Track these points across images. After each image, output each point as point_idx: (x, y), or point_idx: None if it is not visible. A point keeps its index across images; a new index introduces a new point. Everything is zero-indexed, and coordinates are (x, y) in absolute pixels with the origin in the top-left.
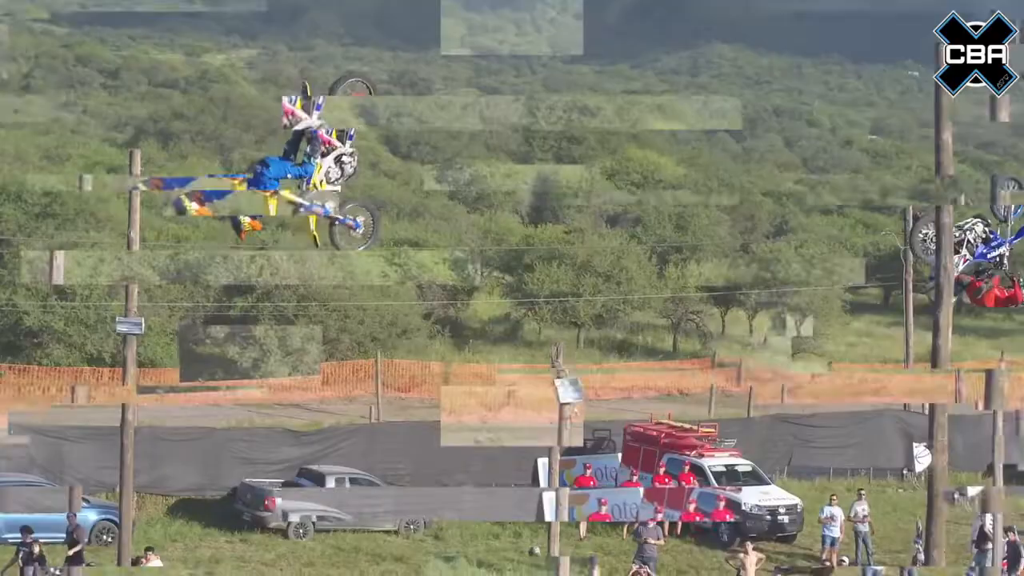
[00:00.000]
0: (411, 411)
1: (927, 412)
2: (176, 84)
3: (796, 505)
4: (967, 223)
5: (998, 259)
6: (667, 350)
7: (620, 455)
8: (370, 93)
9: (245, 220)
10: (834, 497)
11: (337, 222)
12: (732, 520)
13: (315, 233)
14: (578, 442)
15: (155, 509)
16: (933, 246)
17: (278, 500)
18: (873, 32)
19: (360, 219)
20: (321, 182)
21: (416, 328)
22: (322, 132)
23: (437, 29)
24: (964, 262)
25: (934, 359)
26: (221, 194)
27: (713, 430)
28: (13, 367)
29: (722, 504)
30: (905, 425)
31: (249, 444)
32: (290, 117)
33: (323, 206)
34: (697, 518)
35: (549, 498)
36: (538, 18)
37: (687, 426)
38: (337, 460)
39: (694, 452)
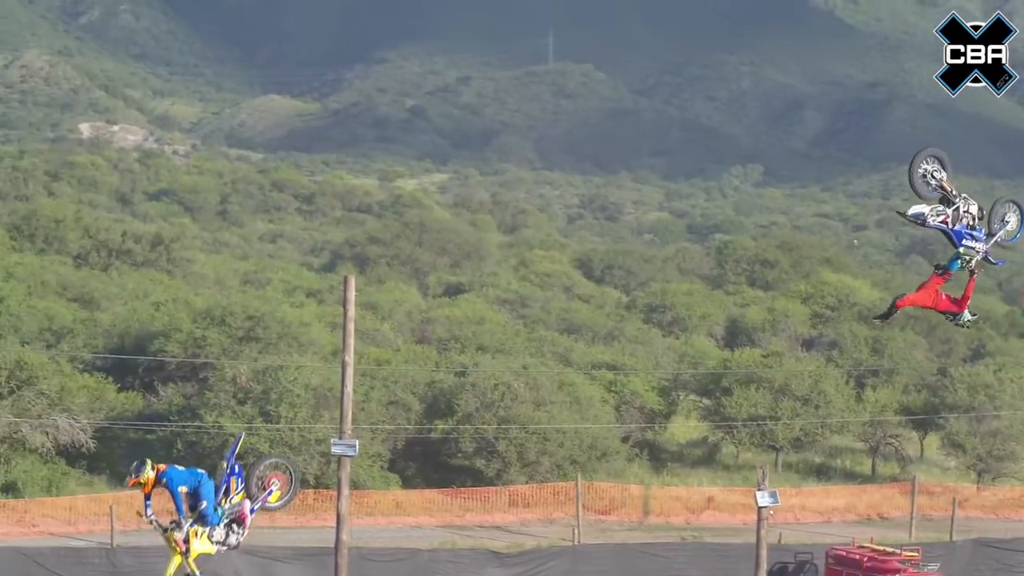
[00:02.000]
0: (611, 533)
1: None
2: (370, 209)
3: None
4: (968, 197)
5: (967, 251)
6: (866, 474)
7: None
8: (290, 478)
9: (148, 473)
10: None
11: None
12: None
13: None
14: None
15: None
16: (934, 182)
17: None
18: None
19: None
20: (202, 533)
21: (615, 451)
22: (245, 507)
23: (627, 155)
24: (943, 221)
25: None
26: (174, 487)
27: (916, 554)
28: None
29: None
30: None
31: (455, 565)
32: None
33: (225, 542)
34: None
35: None
36: (724, 186)
37: (890, 550)
38: None
39: None
